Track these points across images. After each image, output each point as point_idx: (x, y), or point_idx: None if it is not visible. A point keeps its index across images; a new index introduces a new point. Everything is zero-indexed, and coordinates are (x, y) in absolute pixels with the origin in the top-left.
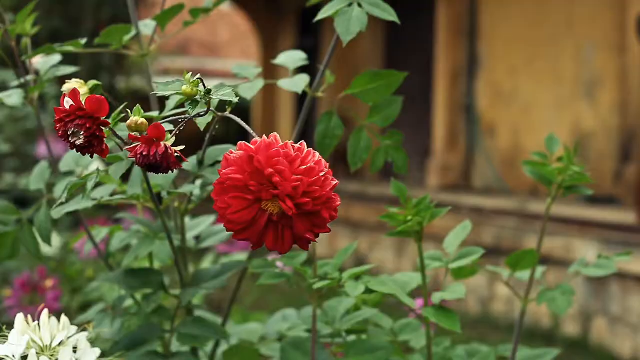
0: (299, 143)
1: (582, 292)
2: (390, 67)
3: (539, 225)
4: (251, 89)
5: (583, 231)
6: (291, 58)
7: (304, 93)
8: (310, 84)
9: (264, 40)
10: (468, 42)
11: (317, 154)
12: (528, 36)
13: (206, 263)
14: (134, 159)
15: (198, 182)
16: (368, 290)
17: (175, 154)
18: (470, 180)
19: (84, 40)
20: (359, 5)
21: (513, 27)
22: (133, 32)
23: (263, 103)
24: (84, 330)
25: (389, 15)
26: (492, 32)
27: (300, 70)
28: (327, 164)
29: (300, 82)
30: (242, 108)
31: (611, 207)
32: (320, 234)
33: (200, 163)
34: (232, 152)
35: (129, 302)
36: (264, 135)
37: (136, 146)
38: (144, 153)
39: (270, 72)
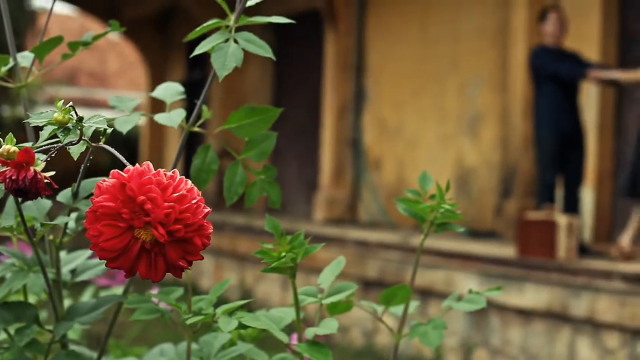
0: (172, 171)
1: (463, 324)
2: (278, 99)
3: (422, 258)
4: (127, 123)
5: (464, 265)
6: (169, 92)
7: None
8: (188, 117)
9: (153, 71)
10: (355, 77)
11: (190, 181)
12: (414, 73)
13: (86, 296)
14: (3, 184)
15: (73, 214)
16: (242, 326)
17: (45, 180)
18: (357, 214)
19: None
20: (235, 41)
21: (399, 64)
22: (10, 63)
23: (150, 134)
24: None
25: (265, 51)
26: (378, 68)
27: (188, 102)
28: (200, 192)
29: (176, 117)
30: (131, 139)
31: (492, 241)
32: (202, 265)
33: (76, 195)
34: (105, 181)
35: (2, 336)
36: (137, 164)
37: (5, 171)
38: (13, 177)
39: (159, 103)
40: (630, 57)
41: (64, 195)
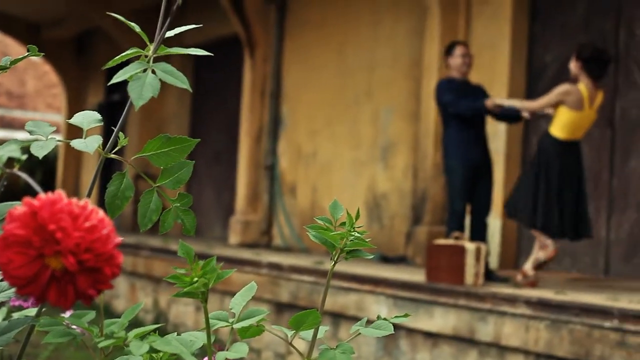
0: (84, 201)
1: (373, 347)
2: (197, 124)
3: (334, 283)
4: (43, 148)
5: (375, 289)
6: (86, 118)
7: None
8: (106, 142)
9: (72, 93)
10: (272, 103)
11: (101, 211)
12: (329, 100)
13: None
14: None
15: None
16: (153, 350)
17: None
18: (271, 238)
19: None
20: (153, 71)
21: (315, 91)
22: None
23: (67, 154)
24: None
25: (182, 83)
26: (295, 95)
27: (106, 125)
28: (112, 222)
29: (92, 143)
30: (49, 158)
31: (402, 266)
32: (117, 286)
33: None
34: (17, 208)
35: None
36: (53, 188)
37: None
38: None
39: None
40: (538, 87)
41: None
